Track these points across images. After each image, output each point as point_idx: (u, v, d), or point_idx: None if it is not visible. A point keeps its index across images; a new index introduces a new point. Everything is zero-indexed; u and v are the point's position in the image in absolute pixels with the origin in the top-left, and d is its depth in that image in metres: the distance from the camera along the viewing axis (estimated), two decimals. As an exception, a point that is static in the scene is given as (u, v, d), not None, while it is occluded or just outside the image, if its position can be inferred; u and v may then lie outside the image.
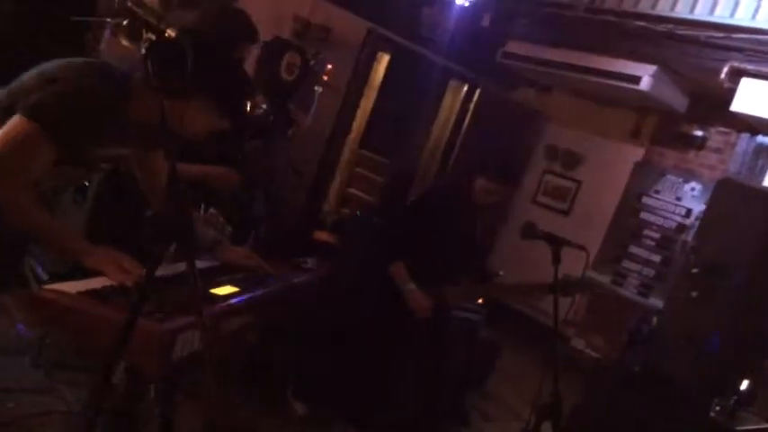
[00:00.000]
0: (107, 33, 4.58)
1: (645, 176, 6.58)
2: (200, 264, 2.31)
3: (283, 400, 3.89)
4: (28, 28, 4.38)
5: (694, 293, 3.39)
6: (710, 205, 4.27)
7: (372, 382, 3.80)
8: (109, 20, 4.49)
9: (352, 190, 8.17)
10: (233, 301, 2.00)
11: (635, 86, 5.69)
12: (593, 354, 6.28)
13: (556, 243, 2.43)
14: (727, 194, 4.21)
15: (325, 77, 5.89)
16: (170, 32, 1.85)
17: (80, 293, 1.65)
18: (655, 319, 3.86)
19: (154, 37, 1.82)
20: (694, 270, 3.47)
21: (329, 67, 6.04)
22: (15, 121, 1.80)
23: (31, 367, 3.14)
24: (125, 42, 4.71)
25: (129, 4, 4.70)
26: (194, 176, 2.96)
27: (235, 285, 2.10)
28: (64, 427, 2.87)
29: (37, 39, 4.31)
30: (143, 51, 1.68)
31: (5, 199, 1.77)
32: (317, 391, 3.94)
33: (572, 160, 7.29)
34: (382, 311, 3.61)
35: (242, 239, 3.43)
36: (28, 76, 1.93)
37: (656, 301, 5.95)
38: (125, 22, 4.54)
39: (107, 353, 1.51)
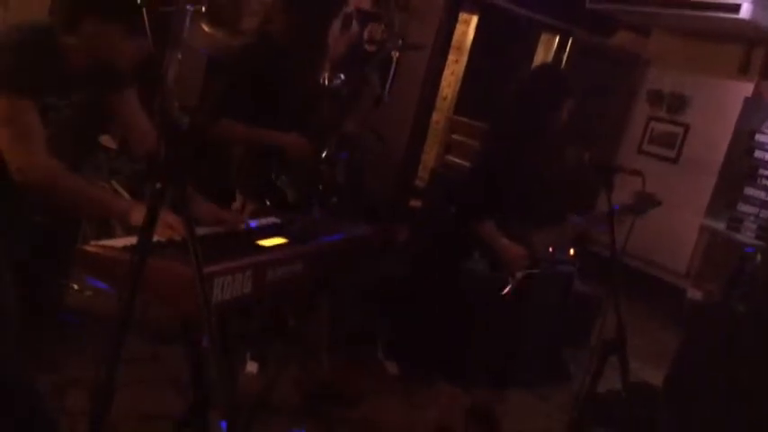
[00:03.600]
0: (188, 21, 4.75)
1: (756, 112, 6.12)
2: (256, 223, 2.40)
3: (375, 361, 3.98)
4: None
5: (794, 224, 3.14)
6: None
7: (461, 338, 3.79)
8: (189, 6, 4.66)
9: (450, 157, 8.13)
10: (279, 251, 2.06)
11: (735, 16, 5.30)
12: (711, 304, 5.97)
13: (606, 171, 2.32)
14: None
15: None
16: None
17: (125, 247, 1.76)
18: (759, 257, 3.61)
19: None
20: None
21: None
22: None
23: (136, 339, 3.38)
24: (206, 28, 4.90)
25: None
26: (267, 142, 3.02)
27: (283, 237, 2.16)
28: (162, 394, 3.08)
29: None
30: None
31: (41, 170, 1.90)
32: (408, 350, 3.98)
33: (678, 103, 6.89)
34: (466, 270, 3.57)
35: (322, 205, 3.51)
36: None
37: (778, 245, 5.54)
38: (204, 9, 4.71)
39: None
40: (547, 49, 7.35)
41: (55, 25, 2.01)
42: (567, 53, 7.09)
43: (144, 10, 1.46)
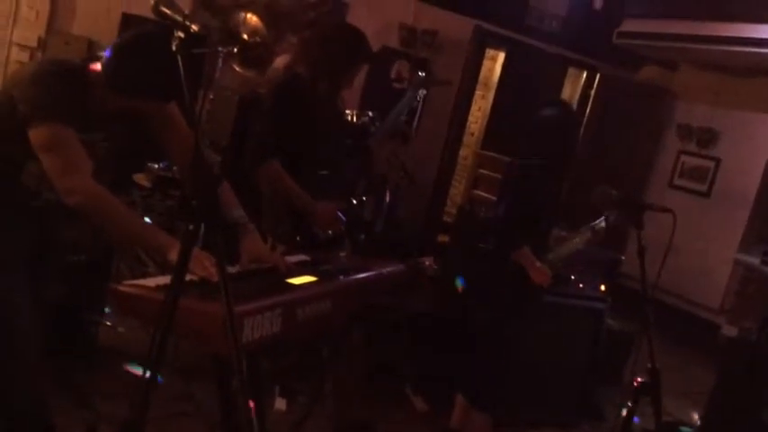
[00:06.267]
0: (220, 62, 4.86)
1: (789, 146, 6.07)
2: (290, 259, 2.43)
3: (404, 397, 3.95)
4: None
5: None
6: None
7: (491, 374, 3.76)
8: (221, 48, 4.77)
9: (478, 192, 8.12)
10: (309, 289, 2.08)
11: (764, 51, 5.29)
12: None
13: (635, 208, 2.30)
14: None
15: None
16: None
17: (158, 287, 1.78)
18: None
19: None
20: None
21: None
22: (38, 131, 1.99)
23: (170, 373, 3.40)
24: (238, 69, 5.01)
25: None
26: (300, 206, 2.98)
27: (313, 275, 2.18)
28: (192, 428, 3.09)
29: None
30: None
31: (87, 195, 1.96)
32: (436, 386, 3.95)
33: (708, 137, 6.85)
34: (497, 302, 3.57)
35: (352, 243, 3.53)
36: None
37: (814, 280, 5.44)
38: (236, 50, 4.81)
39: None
40: (574, 84, 7.37)
41: (85, 67, 2.10)
42: (594, 88, 7.10)
43: (179, 56, 1.50)
